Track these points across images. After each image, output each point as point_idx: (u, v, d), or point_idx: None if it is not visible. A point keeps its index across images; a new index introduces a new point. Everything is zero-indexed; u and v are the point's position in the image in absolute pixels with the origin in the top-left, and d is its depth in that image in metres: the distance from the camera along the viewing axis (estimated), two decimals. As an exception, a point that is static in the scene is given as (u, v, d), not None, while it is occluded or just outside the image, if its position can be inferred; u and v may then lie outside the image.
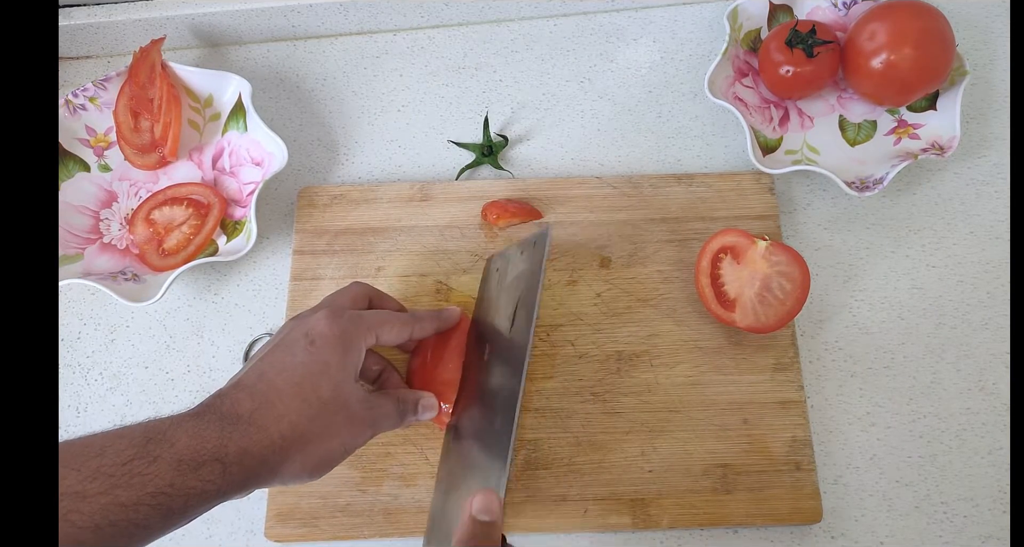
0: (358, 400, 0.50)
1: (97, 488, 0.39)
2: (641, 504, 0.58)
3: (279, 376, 0.48)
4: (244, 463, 0.44)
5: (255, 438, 0.45)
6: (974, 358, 0.63)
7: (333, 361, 0.50)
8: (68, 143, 0.71)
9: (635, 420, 0.61)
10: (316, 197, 0.69)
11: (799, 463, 0.59)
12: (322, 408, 0.48)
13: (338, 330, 0.51)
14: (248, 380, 0.48)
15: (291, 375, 0.48)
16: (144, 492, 0.40)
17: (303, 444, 0.47)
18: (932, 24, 0.65)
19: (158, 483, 0.41)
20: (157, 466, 0.41)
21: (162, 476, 0.41)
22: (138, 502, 0.40)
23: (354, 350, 0.51)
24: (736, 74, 0.71)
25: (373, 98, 0.77)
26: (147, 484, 0.40)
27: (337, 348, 0.50)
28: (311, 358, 0.49)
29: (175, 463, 0.42)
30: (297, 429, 0.47)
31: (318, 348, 0.50)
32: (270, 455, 0.46)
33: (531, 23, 0.80)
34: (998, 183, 0.69)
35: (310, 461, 0.48)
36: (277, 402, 0.47)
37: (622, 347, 0.63)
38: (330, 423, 0.48)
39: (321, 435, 0.48)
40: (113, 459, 0.41)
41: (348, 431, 0.50)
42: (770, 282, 0.60)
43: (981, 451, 0.61)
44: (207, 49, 0.80)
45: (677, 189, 0.68)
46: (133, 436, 0.42)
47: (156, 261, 0.67)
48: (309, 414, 0.47)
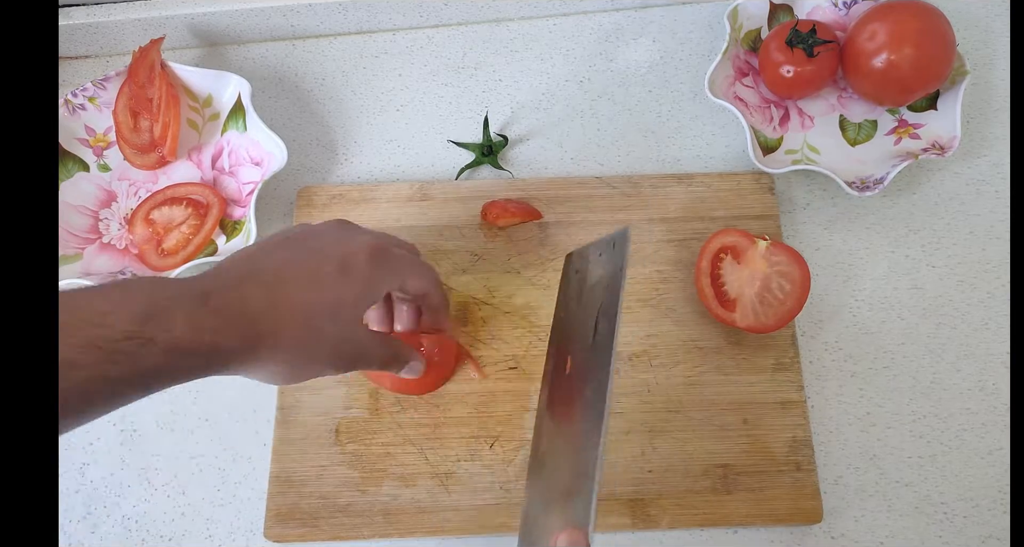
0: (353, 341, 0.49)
1: (89, 360, 0.39)
2: (641, 504, 0.58)
3: (298, 289, 0.47)
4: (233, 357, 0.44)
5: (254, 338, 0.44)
6: (974, 358, 0.63)
7: (351, 299, 0.48)
8: (67, 143, 0.71)
9: (635, 420, 0.61)
10: (315, 197, 0.69)
11: (799, 463, 0.59)
12: (319, 338, 0.47)
13: (372, 271, 0.49)
14: (268, 276, 0.47)
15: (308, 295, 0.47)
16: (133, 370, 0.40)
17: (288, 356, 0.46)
18: (932, 24, 0.65)
19: (146, 366, 0.40)
20: (148, 349, 0.40)
21: (152, 359, 0.40)
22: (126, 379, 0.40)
23: (375, 293, 0.50)
24: (736, 74, 0.71)
25: (372, 98, 0.77)
26: (136, 363, 0.40)
27: (362, 287, 0.49)
28: (333, 286, 0.48)
29: (167, 350, 0.41)
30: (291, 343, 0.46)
31: (345, 280, 0.48)
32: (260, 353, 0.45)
33: (531, 23, 0.80)
34: (998, 183, 0.69)
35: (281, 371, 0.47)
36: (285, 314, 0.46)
37: (622, 347, 0.63)
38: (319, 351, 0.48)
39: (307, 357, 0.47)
40: (108, 332, 0.40)
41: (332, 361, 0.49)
42: (770, 282, 0.60)
43: (981, 451, 0.61)
44: (206, 49, 0.80)
45: (677, 189, 0.68)
46: (132, 307, 0.41)
47: (155, 261, 0.67)
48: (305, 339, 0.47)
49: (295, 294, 0.46)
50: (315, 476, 0.60)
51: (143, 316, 0.41)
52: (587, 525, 0.43)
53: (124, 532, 0.61)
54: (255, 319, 0.44)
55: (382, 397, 0.62)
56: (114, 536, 0.61)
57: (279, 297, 0.46)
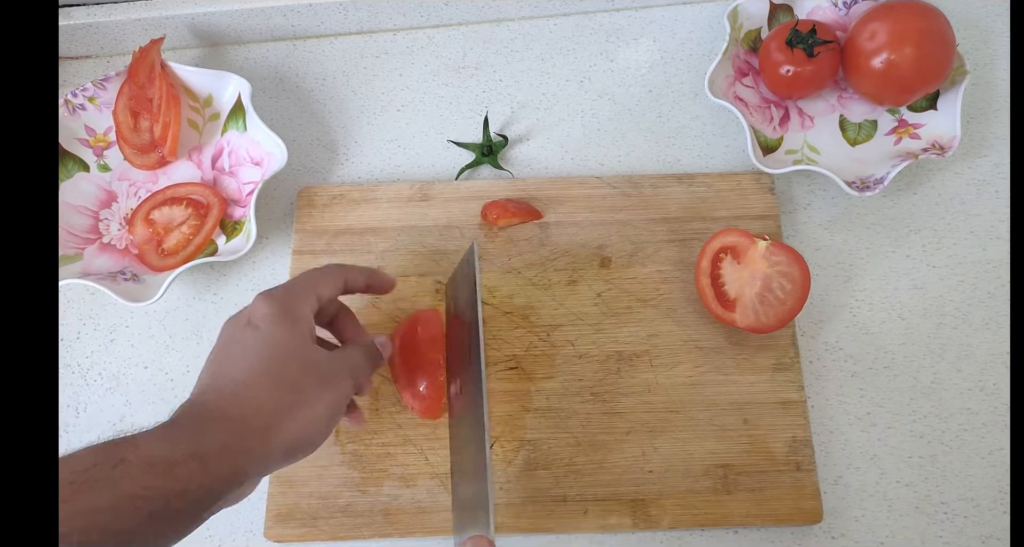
0: (323, 359, 0.49)
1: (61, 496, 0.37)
2: (641, 504, 0.58)
3: (236, 368, 0.47)
4: (225, 456, 0.42)
5: (233, 428, 0.43)
6: (974, 358, 0.63)
7: (283, 335, 0.48)
8: (67, 143, 0.71)
9: (635, 420, 0.61)
10: (315, 197, 0.69)
11: (799, 463, 0.59)
12: (291, 382, 0.46)
13: (276, 306, 0.49)
14: (207, 381, 0.47)
15: (247, 362, 0.47)
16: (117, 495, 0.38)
17: (285, 419, 0.45)
18: (932, 24, 0.65)
19: (130, 486, 0.39)
20: (123, 468, 0.39)
21: (133, 479, 0.39)
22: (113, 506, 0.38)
23: (300, 318, 0.49)
24: (736, 74, 0.71)
25: (373, 98, 0.77)
26: (116, 486, 0.38)
27: (282, 321, 0.48)
28: (261, 340, 0.48)
29: (145, 465, 0.39)
30: (276, 408, 0.45)
31: (263, 328, 0.48)
32: (253, 443, 0.44)
33: (531, 22, 0.80)
34: (998, 183, 0.69)
35: (300, 433, 0.46)
36: (244, 392, 0.45)
37: (622, 347, 0.63)
38: (304, 391, 0.47)
39: (300, 404, 0.46)
40: (75, 465, 0.39)
41: (325, 391, 0.48)
42: (770, 282, 0.60)
43: (981, 451, 0.61)
44: (206, 49, 0.80)
45: (677, 189, 0.68)
46: (96, 447, 0.40)
47: (155, 261, 0.67)
48: (280, 393, 0.46)
49: (233, 370, 0.47)
50: (315, 476, 0.60)
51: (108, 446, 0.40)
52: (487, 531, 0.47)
53: (124, 532, 0.61)
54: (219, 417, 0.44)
55: (382, 397, 0.62)
56: (114, 536, 0.61)
57: (225, 386, 0.46)
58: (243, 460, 0.43)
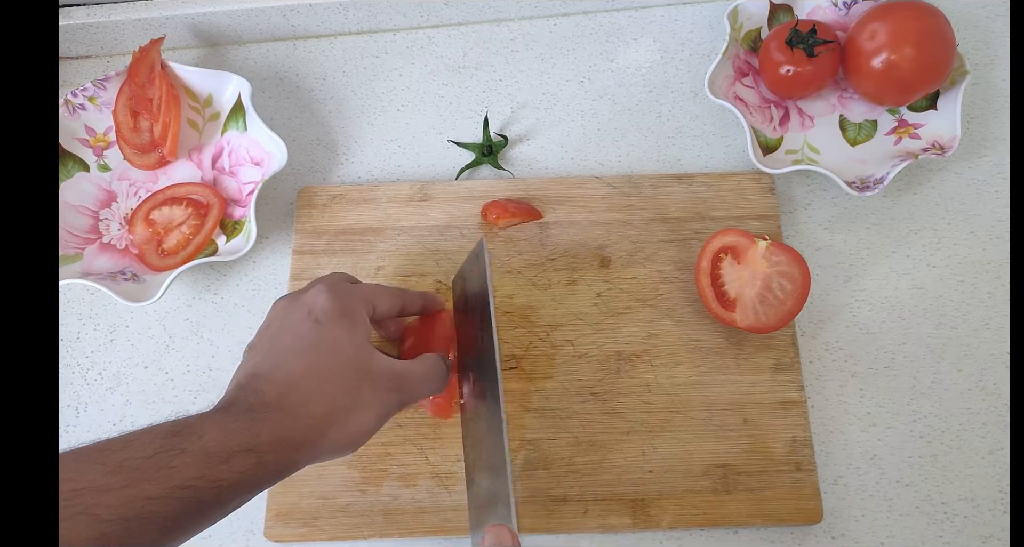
0: (383, 368, 0.49)
1: (121, 481, 0.38)
2: (641, 504, 0.58)
3: (296, 361, 0.48)
4: (280, 450, 0.44)
5: (288, 424, 0.44)
6: (974, 358, 0.63)
7: (343, 335, 0.49)
8: (67, 143, 0.71)
9: (635, 420, 0.61)
10: (315, 197, 0.69)
11: (799, 463, 0.59)
12: (346, 383, 0.47)
13: (339, 304, 0.50)
14: (264, 369, 0.47)
15: (307, 357, 0.48)
16: (171, 485, 0.39)
17: (336, 421, 0.46)
18: (932, 24, 0.65)
19: (186, 475, 0.40)
20: (184, 458, 0.40)
21: (189, 469, 0.40)
22: (165, 495, 0.39)
23: (359, 321, 0.51)
24: (736, 74, 0.71)
25: (373, 98, 0.77)
26: (173, 477, 0.40)
27: (343, 321, 0.49)
28: (321, 337, 0.49)
29: (203, 456, 0.41)
30: (328, 408, 0.46)
31: (324, 325, 0.49)
32: (306, 438, 0.45)
33: (531, 22, 0.80)
34: (999, 183, 0.69)
35: (347, 436, 0.47)
36: (301, 385, 0.46)
37: (622, 347, 0.63)
38: (357, 395, 0.48)
39: (353, 408, 0.47)
40: (138, 452, 0.40)
41: (378, 399, 0.49)
42: (770, 282, 0.60)
43: (981, 451, 0.61)
44: (206, 49, 0.80)
45: (677, 189, 0.68)
46: (160, 430, 0.42)
47: (155, 261, 0.67)
48: (335, 392, 0.47)
49: (293, 362, 0.48)
50: (315, 476, 0.60)
51: (170, 433, 0.41)
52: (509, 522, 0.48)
53: (124, 532, 0.61)
54: (274, 407, 0.45)
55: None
56: (114, 536, 0.61)
57: (281, 378, 0.47)
58: (294, 455, 0.44)
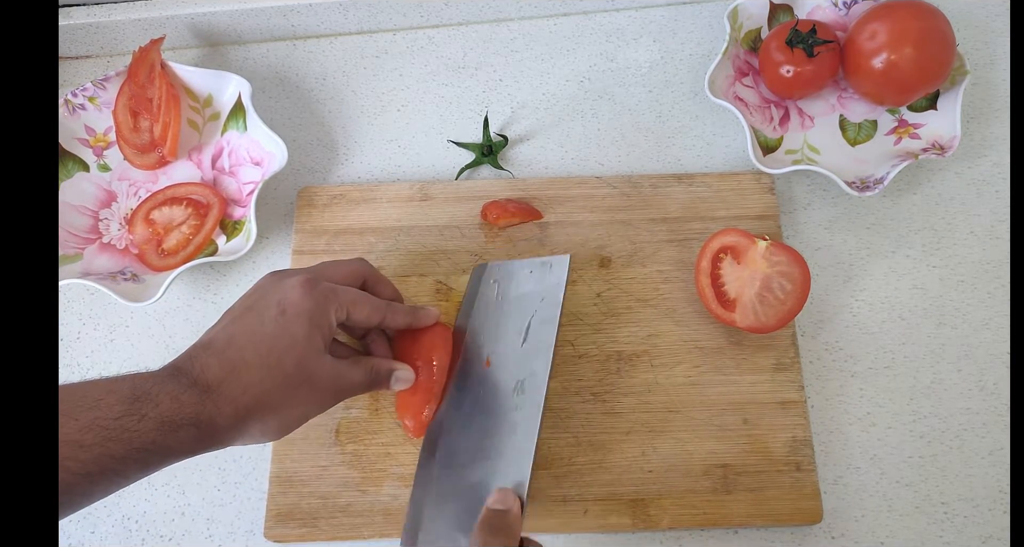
0: (325, 372, 0.51)
1: (92, 439, 0.42)
2: (641, 504, 0.58)
3: (248, 344, 0.49)
4: (212, 430, 0.47)
5: (221, 409, 0.47)
6: (974, 358, 0.63)
7: (301, 334, 0.50)
8: (67, 143, 0.70)
9: (635, 420, 0.61)
10: (315, 197, 0.69)
11: (799, 463, 0.59)
12: (286, 381, 0.49)
13: (310, 303, 0.51)
14: (218, 344, 0.50)
15: (259, 345, 0.49)
16: (131, 447, 0.43)
17: (264, 413, 0.49)
18: (932, 24, 0.65)
19: (143, 440, 0.43)
20: (144, 424, 0.44)
21: (147, 434, 0.44)
22: (125, 456, 0.43)
23: (323, 324, 0.51)
24: (736, 74, 0.71)
25: (373, 98, 0.77)
26: (134, 440, 0.43)
27: (306, 320, 0.51)
28: (280, 330, 0.50)
29: (159, 423, 0.44)
30: (260, 400, 0.48)
31: (288, 319, 0.50)
32: (233, 423, 0.47)
33: (531, 22, 0.80)
34: (999, 183, 0.69)
35: (270, 428, 0.50)
36: (243, 371, 0.48)
37: (622, 347, 0.63)
38: (293, 395, 0.50)
39: (282, 405, 0.50)
40: (107, 413, 0.43)
41: (311, 400, 0.51)
42: (770, 282, 0.60)
43: (981, 451, 0.61)
44: (206, 49, 0.80)
45: (677, 189, 0.68)
46: (121, 392, 0.45)
47: (155, 261, 0.67)
48: (272, 386, 0.49)
49: (245, 349, 0.49)
50: (315, 476, 0.60)
51: (132, 397, 0.45)
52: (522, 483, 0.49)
53: (124, 532, 0.61)
54: (215, 388, 0.47)
55: (382, 397, 0.62)
56: (114, 536, 0.61)
57: (231, 357, 0.49)
58: (225, 433, 0.48)
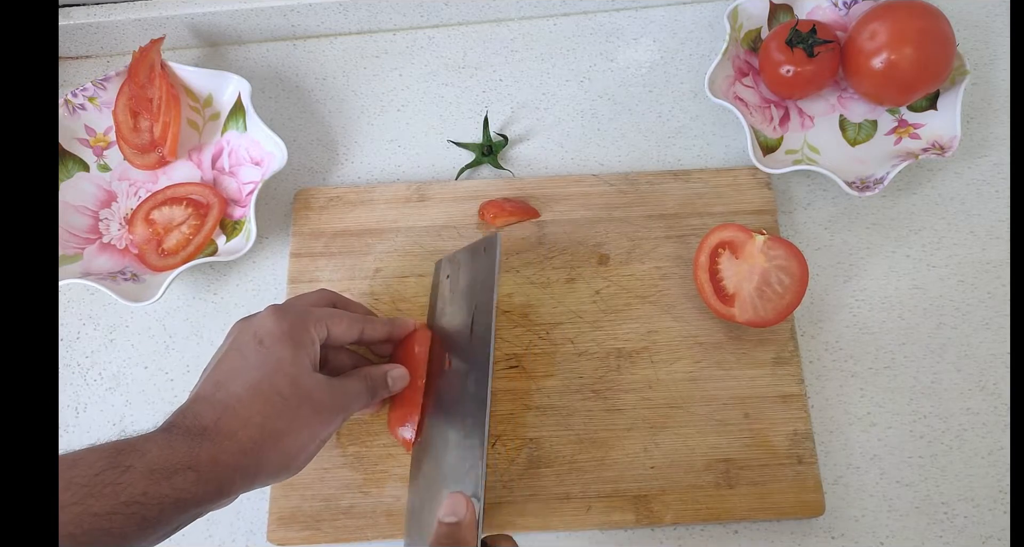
0: (321, 388, 0.50)
1: (70, 498, 0.40)
2: (644, 500, 0.58)
3: (235, 382, 0.48)
4: (217, 470, 0.45)
5: (224, 446, 0.45)
6: (974, 358, 0.63)
7: (286, 356, 0.50)
8: (67, 143, 0.70)
9: (636, 417, 0.61)
10: (312, 199, 0.69)
11: (801, 456, 0.59)
12: (284, 404, 0.48)
13: (285, 326, 0.51)
14: (205, 391, 0.49)
15: (247, 378, 0.48)
16: (118, 501, 0.41)
17: (274, 442, 0.47)
18: (932, 24, 0.65)
19: (131, 492, 0.41)
20: (129, 475, 0.42)
21: (135, 485, 0.42)
22: (112, 511, 0.40)
23: (305, 342, 0.51)
24: (736, 74, 0.71)
25: (373, 98, 0.77)
26: (120, 493, 0.41)
27: (287, 343, 0.50)
28: (263, 358, 0.49)
29: (147, 472, 0.42)
30: (264, 430, 0.47)
31: (267, 347, 0.50)
32: (243, 460, 0.46)
33: (531, 22, 0.80)
34: (999, 183, 0.69)
35: (285, 457, 0.48)
36: (239, 408, 0.47)
37: (622, 344, 0.63)
38: (296, 417, 0.49)
39: (289, 430, 0.48)
40: (85, 470, 0.41)
41: (317, 420, 0.50)
42: (769, 276, 0.60)
43: (981, 451, 0.61)
44: (206, 49, 0.80)
45: (674, 185, 0.68)
46: (103, 450, 0.43)
47: (156, 261, 0.67)
48: (273, 413, 0.48)
49: (232, 383, 0.49)
50: (317, 478, 0.60)
51: (114, 452, 0.43)
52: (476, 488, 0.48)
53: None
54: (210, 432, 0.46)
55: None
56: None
57: (222, 399, 0.48)
58: (233, 473, 0.45)
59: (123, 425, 0.65)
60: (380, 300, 0.65)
